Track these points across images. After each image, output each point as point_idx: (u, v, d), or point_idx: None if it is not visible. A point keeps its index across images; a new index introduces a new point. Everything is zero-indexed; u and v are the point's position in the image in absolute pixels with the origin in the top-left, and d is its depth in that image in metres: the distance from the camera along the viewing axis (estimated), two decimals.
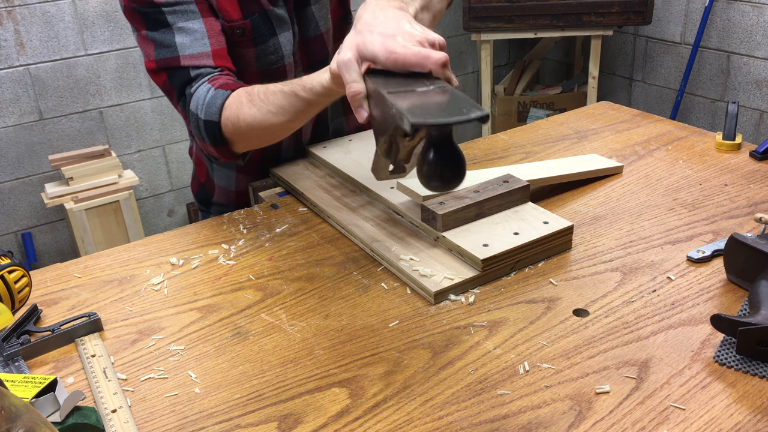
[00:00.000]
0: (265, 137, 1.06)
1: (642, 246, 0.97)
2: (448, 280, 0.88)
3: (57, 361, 0.82)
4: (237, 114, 1.01)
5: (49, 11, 2.52)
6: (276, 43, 1.15)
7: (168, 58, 1.06)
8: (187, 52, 1.05)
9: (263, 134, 1.04)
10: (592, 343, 0.79)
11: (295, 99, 0.95)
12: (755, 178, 1.15)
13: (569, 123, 1.44)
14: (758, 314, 0.75)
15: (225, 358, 0.80)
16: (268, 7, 1.13)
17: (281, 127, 1.01)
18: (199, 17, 1.06)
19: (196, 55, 1.06)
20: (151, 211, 2.98)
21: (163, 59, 1.06)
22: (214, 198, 1.37)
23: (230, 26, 1.11)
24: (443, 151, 0.66)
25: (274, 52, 1.16)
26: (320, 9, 1.21)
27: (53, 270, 1.01)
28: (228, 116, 1.03)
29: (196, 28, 1.06)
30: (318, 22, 1.21)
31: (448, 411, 0.70)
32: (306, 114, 0.99)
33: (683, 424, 0.67)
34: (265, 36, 1.14)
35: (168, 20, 1.05)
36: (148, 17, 1.05)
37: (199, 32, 1.06)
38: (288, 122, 1.00)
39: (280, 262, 0.99)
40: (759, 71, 2.82)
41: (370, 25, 0.78)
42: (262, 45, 1.14)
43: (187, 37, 1.05)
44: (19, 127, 2.58)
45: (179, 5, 1.05)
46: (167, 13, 1.05)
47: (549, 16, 2.85)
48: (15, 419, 0.49)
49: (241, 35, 1.12)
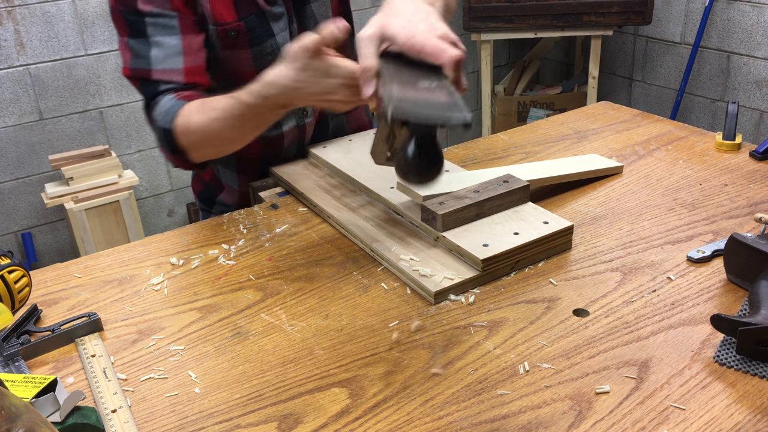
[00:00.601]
0: (215, 144, 1.05)
1: (642, 246, 0.97)
2: (448, 280, 0.88)
3: (57, 361, 0.82)
4: (188, 121, 1.02)
5: (49, 11, 2.52)
6: (274, 44, 1.15)
7: (141, 69, 1.08)
8: (159, 67, 1.07)
9: (212, 141, 1.04)
10: (592, 343, 0.79)
11: (238, 103, 0.93)
12: (755, 178, 1.15)
13: (569, 123, 1.44)
14: (758, 314, 0.75)
15: (225, 358, 0.80)
16: (265, 7, 1.13)
17: (225, 134, 1.01)
18: (178, 33, 1.07)
19: (167, 70, 1.07)
20: (151, 211, 2.98)
21: (136, 69, 1.08)
22: (220, 197, 1.37)
23: (224, 29, 1.11)
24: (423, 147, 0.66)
25: (272, 53, 1.15)
26: (320, 7, 1.21)
27: (53, 270, 1.01)
28: (180, 123, 1.03)
29: (172, 44, 1.07)
30: (318, 20, 1.21)
31: (448, 411, 0.70)
32: (249, 121, 0.98)
33: (683, 424, 0.67)
34: (262, 37, 1.14)
35: (147, 32, 1.06)
36: (131, 24, 1.07)
37: (175, 48, 1.07)
38: (231, 129, 0.99)
39: (280, 262, 0.99)
40: (759, 71, 2.82)
41: (399, 11, 0.79)
42: (259, 46, 1.14)
43: (161, 52, 1.07)
44: (19, 127, 2.58)
45: (162, 18, 1.06)
46: (149, 24, 1.06)
47: (549, 16, 2.85)
48: (15, 419, 0.49)
49: (236, 37, 1.12)
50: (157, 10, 1.05)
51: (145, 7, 1.05)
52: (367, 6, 3.20)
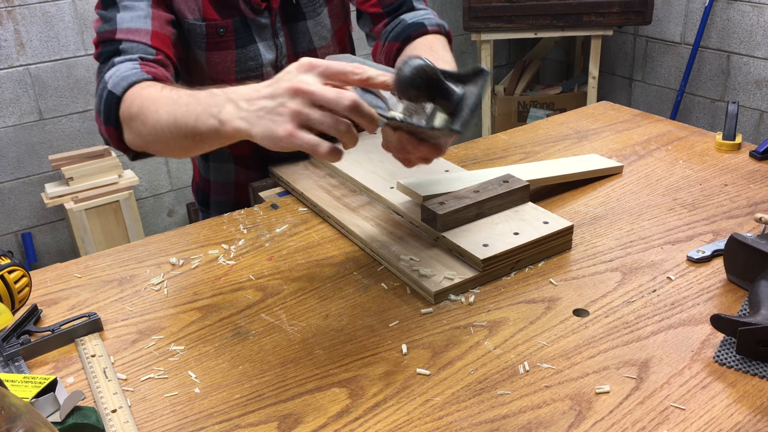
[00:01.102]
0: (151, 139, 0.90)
1: (642, 246, 0.97)
2: (448, 280, 0.88)
3: (57, 361, 0.82)
4: (139, 94, 0.90)
5: (49, 11, 2.52)
6: (256, 50, 1.16)
7: (107, 31, 1.03)
8: (125, 26, 1.02)
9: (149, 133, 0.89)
10: (592, 343, 0.79)
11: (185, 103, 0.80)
12: (755, 178, 1.15)
13: (569, 123, 1.44)
14: (758, 314, 0.76)
15: (225, 358, 0.80)
16: (249, 15, 1.13)
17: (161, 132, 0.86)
18: (149, 3, 1.04)
19: (133, 30, 1.01)
20: (151, 211, 2.98)
21: (102, 32, 1.03)
22: (212, 196, 1.37)
23: (214, 25, 1.10)
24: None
25: (253, 59, 1.16)
26: (315, 25, 1.20)
27: (53, 270, 1.01)
28: (130, 95, 0.92)
29: (141, 7, 1.03)
30: (312, 38, 1.20)
31: (448, 411, 0.70)
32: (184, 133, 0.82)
33: (683, 424, 0.67)
34: (246, 41, 1.14)
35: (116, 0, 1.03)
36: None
37: (143, 12, 1.03)
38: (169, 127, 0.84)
39: (280, 262, 0.99)
40: (759, 71, 2.82)
41: None
42: (243, 49, 1.14)
43: (128, 14, 1.03)
44: (19, 127, 2.58)
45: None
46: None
47: (549, 16, 2.85)
48: (15, 419, 0.49)
49: (224, 34, 1.11)
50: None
51: None
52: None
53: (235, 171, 1.31)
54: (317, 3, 1.19)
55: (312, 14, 1.18)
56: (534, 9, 2.84)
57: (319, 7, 1.19)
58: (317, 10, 1.19)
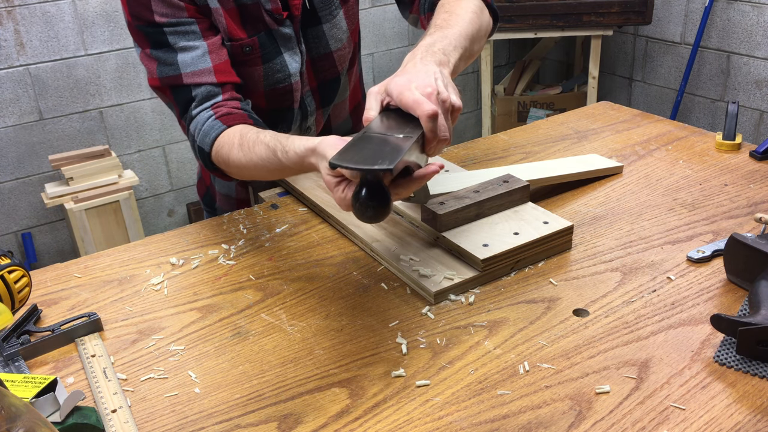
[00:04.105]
0: (256, 177, 1.09)
1: (642, 246, 0.97)
2: (448, 280, 0.88)
3: (57, 361, 0.82)
4: (228, 153, 1.04)
5: (49, 11, 2.52)
6: (282, 61, 1.16)
7: (171, 76, 1.07)
8: (189, 70, 1.07)
9: (253, 176, 1.07)
10: (592, 343, 0.79)
11: (274, 158, 0.95)
12: (755, 178, 1.15)
13: (569, 123, 1.44)
14: (758, 314, 0.76)
15: (225, 358, 0.80)
16: (273, 26, 1.13)
17: (266, 176, 1.04)
18: (200, 36, 1.08)
19: (197, 72, 1.07)
20: (151, 211, 2.98)
21: (166, 77, 1.08)
22: (217, 203, 1.38)
23: (240, 44, 1.11)
24: (368, 190, 0.74)
25: (281, 70, 1.16)
26: (332, 28, 1.20)
27: (53, 270, 1.01)
28: (218, 151, 1.05)
29: (197, 45, 1.07)
30: (329, 41, 1.21)
31: (448, 411, 0.70)
32: (284, 173, 1.01)
33: (683, 424, 0.67)
34: (272, 54, 1.15)
35: (170, 41, 1.06)
36: (150, 36, 1.07)
37: (201, 49, 1.07)
38: (270, 174, 1.02)
39: (280, 262, 0.99)
40: (759, 71, 2.82)
41: (407, 72, 0.87)
42: (270, 63, 1.15)
43: (188, 55, 1.07)
44: (19, 127, 2.58)
45: (181, 26, 1.06)
46: (168, 33, 1.06)
47: (549, 16, 2.85)
48: (15, 419, 0.49)
49: (250, 52, 1.12)
50: (174, 20, 1.05)
51: (161, 19, 1.05)
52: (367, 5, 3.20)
53: (236, 188, 1.33)
54: (333, 5, 1.19)
55: (328, 17, 1.19)
56: (534, 9, 2.84)
57: (335, 9, 1.19)
58: (333, 13, 1.19)
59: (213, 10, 1.08)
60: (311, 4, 1.16)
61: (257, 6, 1.11)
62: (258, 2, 1.11)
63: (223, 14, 1.09)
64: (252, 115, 1.09)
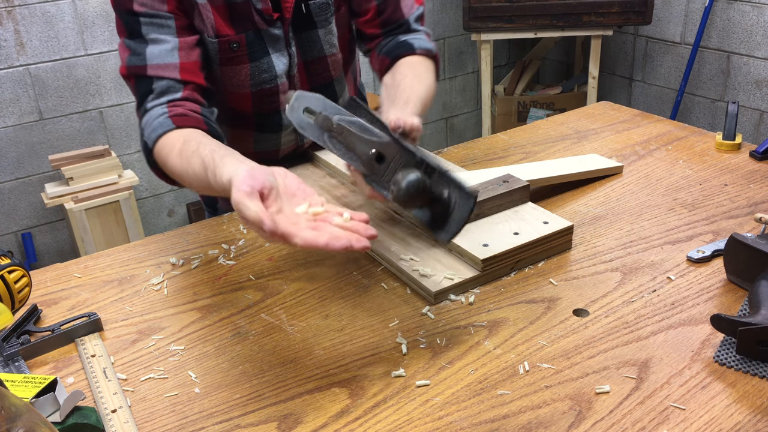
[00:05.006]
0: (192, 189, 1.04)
1: (642, 246, 0.97)
2: (448, 280, 0.88)
3: (57, 361, 0.82)
4: (167, 156, 1.01)
5: (49, 11, 2.52)
6: (269, 62, 1.16)
7: (137, 66, 1.07)
8: (155, 62, 1.06)
9: (190, 186, 1.02)
10: (592, 343, 0.79)
11: (204, 176, 0.90)
12: (755, 178, 1.15)
13: (569, 123, 1.44)
14: (758, 314, 0.75)
15: (225, 358, 0.80)
16: (262, 26, 1.13)
17: (200, 190, 1.00)
18: (174, 33, 1.07)
19: (163, 65, 1.06)
20: (151, 211, 2.98)
21: (132, 66, 1.07)
22: (219, 204, 1.38)
23: (227, 41, 1.11)
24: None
25: (267, 71, 1.16)
26: (326, 34, 1.21)
27: (53, 270, 1.01)
28: (159, 152, 1.03)
29: (168, 40, 1.07)
30: (323, 46, 1.21)
31: (448, 411, 0.70)
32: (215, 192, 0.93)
33: (683, 424, 0.67)
34: (259, 53, 1.15)
35: (143, 31, 1.06)
36: (127, 25, 1.07)
37: (171, 44, 1.07)
38: (202, 190, 0.98)
39: (280, 262, 0.99)
40: (759, 71, 2.82)
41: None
42: (257, 62, 1.15)
43: (157, 48, 1.06)
44: (19, 127, 2.58)
45: (157, 18, 1.06)
46: (144, 24, 1.06)
47: (549, 16, 2.84)
48: (15, 419, 0.49)
49: (237, 49, 1.12)
50: (152, 11, 1.05)
51: (140, 8, 1.05)
52: None
53: None
54: (328, 12, 1.19)
55: (323, 23, 1.19)
56: (534, 9, 2.84)
57: (330, 16, 1.20)
58: (329, 19, 1.20)
59: (200, 5, 1.08)
60: (308, 8, 1.16)
61: (247, 4, 1.11)
62: (248, 1, 1.11)
63: (211, 10, 1.09)
64: (209, 121, 1.06)
